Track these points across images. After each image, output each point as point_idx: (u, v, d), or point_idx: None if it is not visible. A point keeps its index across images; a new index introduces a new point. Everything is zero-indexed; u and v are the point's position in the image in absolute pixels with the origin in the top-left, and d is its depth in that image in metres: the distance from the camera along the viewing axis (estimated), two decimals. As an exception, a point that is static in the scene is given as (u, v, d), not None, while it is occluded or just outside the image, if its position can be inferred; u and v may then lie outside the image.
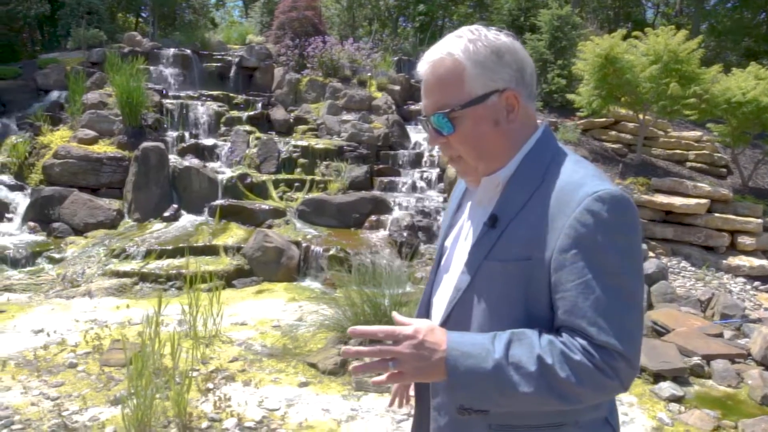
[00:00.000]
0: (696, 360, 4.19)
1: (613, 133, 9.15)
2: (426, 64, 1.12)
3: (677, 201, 7.20)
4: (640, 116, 8.17)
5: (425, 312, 1.29)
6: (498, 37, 1.10)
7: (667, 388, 3.77)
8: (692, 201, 7.18)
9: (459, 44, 1.09)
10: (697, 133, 9.37)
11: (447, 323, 1.12)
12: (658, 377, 3.94)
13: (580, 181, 1.03)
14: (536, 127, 1.15)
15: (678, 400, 3.70)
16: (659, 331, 4.84)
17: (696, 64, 7.37)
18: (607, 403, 1.15)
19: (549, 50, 9.86)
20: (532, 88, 1.13)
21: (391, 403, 1.54)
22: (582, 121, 9.09)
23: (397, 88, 10.69)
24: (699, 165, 8.76)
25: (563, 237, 0.99)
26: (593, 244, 0.98)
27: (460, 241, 1.21)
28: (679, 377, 3.97)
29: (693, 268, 6.77)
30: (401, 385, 1.52)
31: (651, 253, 6.68)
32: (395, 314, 1.06)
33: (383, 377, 1.03)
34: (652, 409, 3.60)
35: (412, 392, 1.49)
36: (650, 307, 5.64)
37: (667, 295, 5.79)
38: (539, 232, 1.02)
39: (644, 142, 8.54)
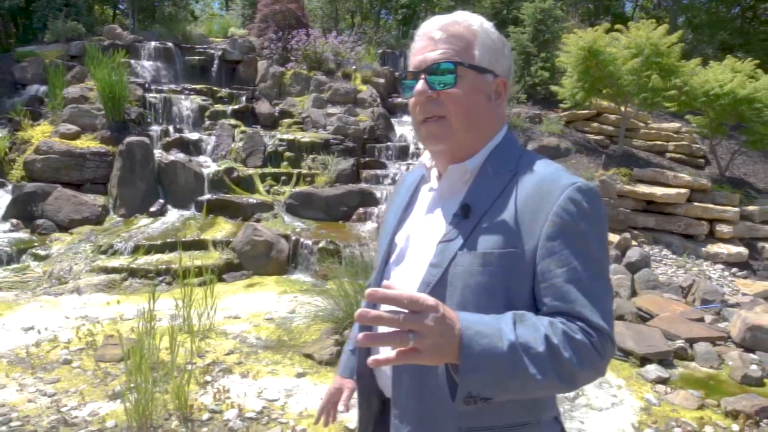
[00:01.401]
0: (680, 343, 4.34)
1: (596, 124, 9.31)
2: (436, 22, 1.13)
3: (658, 191, 7.37)
4: (622, 108, 8.33)
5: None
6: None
7: (653, 370, 3.91)
8: (672, 191, 7.36)
9: (475, 18, 1.15)
10: (676, 125, 9.58)
11: None
12: (644, 360, 4.08)
13: (557, 173, 1.07)
14: (504, 124, 1.20)
15: (664, 381, 3.84)
16: (644, 317, 4.98)
17: (676, 57, 7.53)
18: (554, 402, 1.18)
19: (532, 43, 9.96)
20: (509, 90, 1.20)
21: (317, 421, 1.47)
22: (565, 113, 9.23)
23: (382, 81, 10.71)
24: (678, 155, 8.96)
25: (548, 225, 1.01)
26: (578, 232, 1.01)
27: (417, 235, 1.17)
28: (664, 360, 4.11)
29: (674, 256, 6.96)
30: (329, 400, 1.48)
31: (634, 242, 6.84)
32: (390, 283, 0.88)
33: (391, 354, 0.85)
34: (640, 391, 3.73)
35: (341, 407, 1.44)
36: (634, 294, 5.80)
37: (650, 282, 5.96)
38: (521, 222, 1.03)
39: (626, 134, 8.70)
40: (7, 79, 9.89)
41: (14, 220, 7.16)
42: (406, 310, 0.85)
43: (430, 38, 1.11)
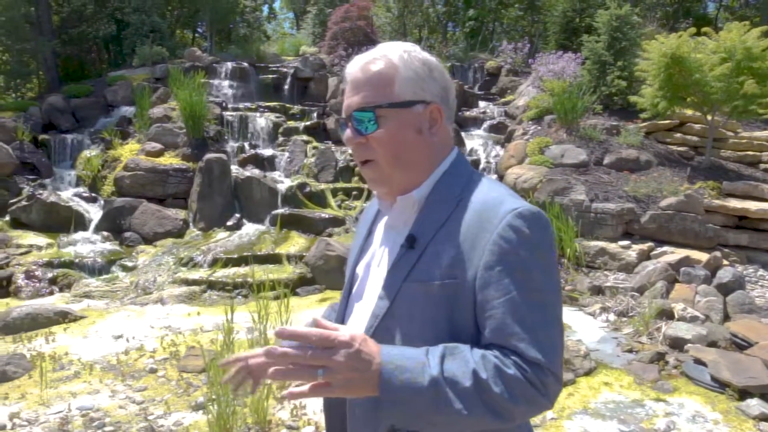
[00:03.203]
0: (785, 376, 3.95)
1: (679, 135, 8.78)
2: (357, 63, 1.11)
3: (752, 206, 6.83)
4: (709, 117, 7.82)
5: None
6: (429, 55, 1.14)
7: (755, 405, 3.57)
8: (769, 205, 6.80)
9: (394, 50, 1.11)
10: (771, 133, 8.87)
11: None
12: (744, 394, 3.74)
13: (499, 199, 1.04)
14: (452, 149, 1.16)
15: (768, 418, 3.50)
16: (740, 345, 4.59)
17: (773, 60, 6.99)
18: (526, 428, 1.12)
19: (608, 51, 9.58)
20: (452, 111, 1.15)
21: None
22: (645, 123, 8.78)
23: (450, 94, 10.65)
24: (774, 167, 8.28)
25: (488, 254, 0.99)
26: (517, 260, 0.98)
27: (373, 267, 1.17)
28: (767, 394, 3.75)
29: (772, 277, 6.40)
30: (246, 366, 1.27)
31: (725, 262, 6.35)
32: (319, 318, 0.95)
33: (305, 388, 0.91)
34: (740, 428, 3.41)
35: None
36: (727, 318, 5.37)
37: (745, 306, 5.50)
38: (462, 250, 1.01)
39: (713, 144, 8.16)
40: (100, 101, 10.70)
41: (105, 233, 7.67)
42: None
43: (353, 81, 1.10)
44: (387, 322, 1.06)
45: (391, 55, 1.10)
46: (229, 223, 7.63)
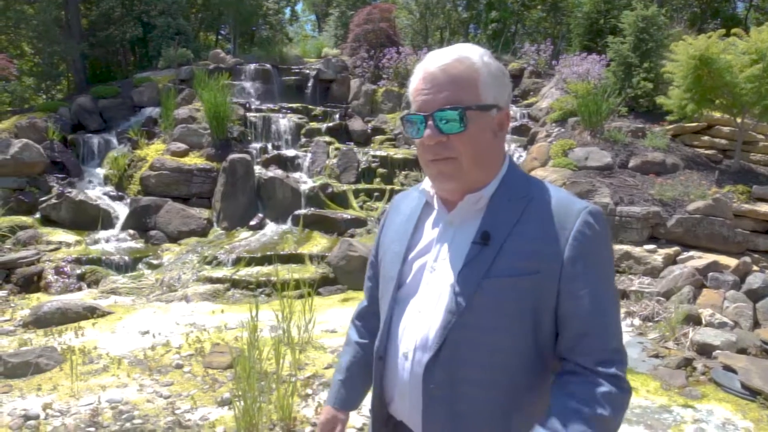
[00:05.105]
0: (819, 384, 3.84)
1: (706, 138, 8.61)
2: (436, 62, 1.10)
3: (783, 210, 6.67)
4: (738, 120, 7.66)
5: (386, 341, 1.20)
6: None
7: (788, 413, 3.49)
8: (801, 210, 6.62)
9: (474, 52, 1.12)
10: (802, 137, 8.65)
11: (443, 348, 1.08)
12: (776, 401, 3.66)
13: (569, 198, 1.12)
14: (506, 152, 1.21)
15: (802, 427, 3.41)
16: (771, 351, 4.48)
17: (805, 61, 6.82)
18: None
19: (633, 53, 9.44)
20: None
21: None
22: (671, 126, 8.64)
23: (473, 96, 10.61)
24: (806, 171, 8.07)
25: (570, 248, 1.06)
26: (594, 253, 1.08)
27: (430, 263, 1.16)
28: (800, 402, 3.66)
29: (804, 283, 6.22)
30: None
31: (755, 267, 6.21)
32: None
33: None
34: (773, 436, 3.34)
35: None
36: (757, 325, 5.25)
37: (776, 312, 5.37)
38: (543, 245, 1.06)
39: (742, 147, 7.99)
40: (127, 102, 10.90)
41: (131, 231, 7.81)
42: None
43: (432, 79, 1.10)
44: (467, 317, 1.08)
45: (473, 57, 1.11)
46: (252, 223, 7.71)
